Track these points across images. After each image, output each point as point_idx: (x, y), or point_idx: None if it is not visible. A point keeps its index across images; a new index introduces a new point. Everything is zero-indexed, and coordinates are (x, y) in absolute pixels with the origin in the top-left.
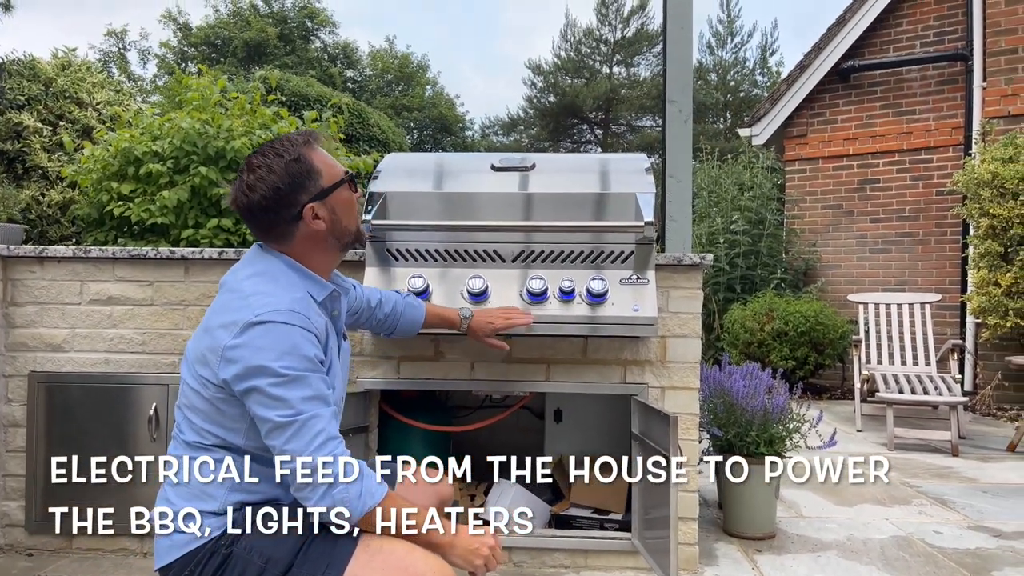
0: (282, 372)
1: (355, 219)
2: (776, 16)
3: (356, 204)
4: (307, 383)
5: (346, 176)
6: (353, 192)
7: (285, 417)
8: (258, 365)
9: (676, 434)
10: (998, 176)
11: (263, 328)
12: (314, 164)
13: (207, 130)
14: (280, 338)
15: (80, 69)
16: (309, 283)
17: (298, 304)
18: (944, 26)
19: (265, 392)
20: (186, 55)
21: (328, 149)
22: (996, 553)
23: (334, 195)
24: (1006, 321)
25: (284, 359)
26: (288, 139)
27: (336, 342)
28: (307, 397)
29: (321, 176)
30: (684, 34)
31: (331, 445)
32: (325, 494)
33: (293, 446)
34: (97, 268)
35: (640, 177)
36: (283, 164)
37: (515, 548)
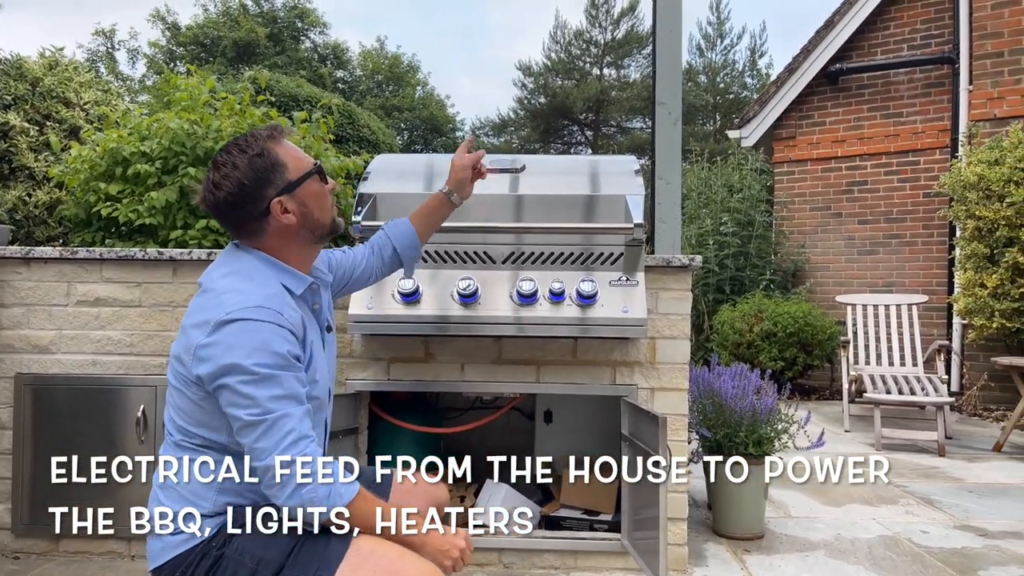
0: (253, 370)
1: (328, 211)
2: (765, 18)
3: (328, 196)
4: (278, 381)
5: (314, 168)
6: (323, 183)
7: (254, 416)
8: (229, 363)
9: (665, 435)
10: (984, 178)
11: (234, 326)
12: (279, 158)
13: (196, 130)
14: (251, 335)
15: (67, 69)
16: (285, 277)
17: (270, 300)
18: (931, 29)
19: (235, 390)
20: (175, 55)
21: (318, 150)
22: (982, 552)
23: (302, 188)
24: (992, 322)
25: (255, 356)
26: (252, 134)
27: (319, 335)
28: (277, 396)
29: (287, 169)
30: (673, 37)
31: (301, 444)
32: (293, 493)
33: (262, 444)
34: (84, 269)
35: (630, 179)
36: (247, 160)
37: (505, 549)
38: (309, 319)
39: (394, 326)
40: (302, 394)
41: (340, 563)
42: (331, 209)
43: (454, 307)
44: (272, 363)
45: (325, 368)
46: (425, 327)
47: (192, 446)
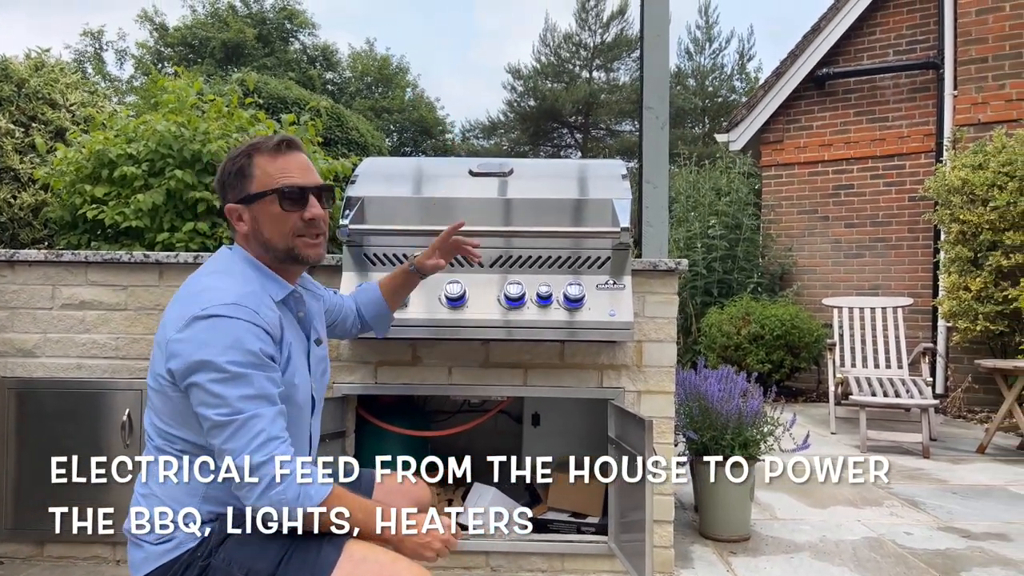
0: (224, 367)
1: (282, 236)
2: (752, 22)
3: (286, 222)
4: (249, 381)
5: (275, 191)
6: (286, 211)
7: (223, 416)
8: (199, 360)
9: (651, 437)
10: (968, 183)
11: (207, 322)
12: (250, 169)
13: (183, 133)
14: (223, 332)
15: (54, 70)
16: (267, 281)
17: (246, 298)
18: (916, 35)
19: (205, 389)
20: (163, 55)
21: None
22: (965, 554)
23: (258, 204)
24: (976, 325)
25: (227, 353)
26: (250, 142)
27: (303, 343)
28: (248, 396)
29: (251, 182)
30: (661, 41)
31: (271, 446)
32: (262, 495)
33: (231, 445)
34: (69, 272)
35: (617, 183)
36: (226, 161)
37: (492, 552)
38: (290, 324)
39: None
40: (274, 395)
41: (332, 571)
42: (288, 237)
43: (441, 310)
44: (244, 361)
45: (307, 376)
46: (412, 330)
47: (173, 451)
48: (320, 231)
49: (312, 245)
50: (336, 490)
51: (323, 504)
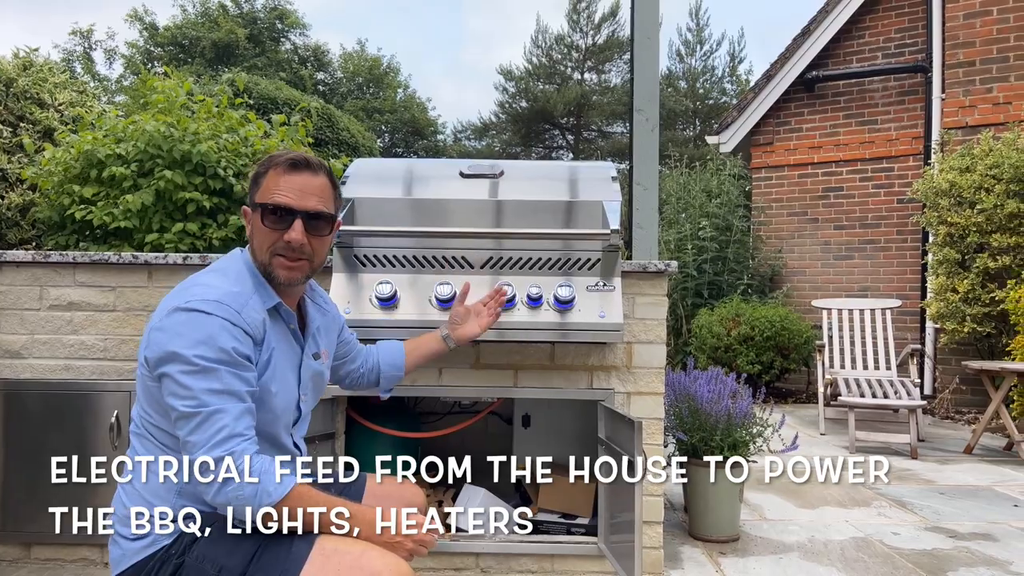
0: (192, 360)
1: (262, 251)
2: (743, 25)
3: (267, 238)
4: (217, 375)
5: (263, 205)
6: (269, 227)
7: (189, 407)
8: (171, 350)
9: (641, 439)
10: (955, 185)
11: (186, 315)
12: (263, 178)
13: (173, 133)
14: (198, 327)
15: (42, 69)
16: (259, 287)
17: (231, 297)
18: (905, 39)
19: (174, 379)
20: (153, 55)
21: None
22: (952, 554)
23: (255, 213)
24: (963, 326)
25: (198, 348)
26: (278, 152)
27: (292, 352)
28: (214, 390)
29: (258, 190)
30: (651, 44)
31: (231, 443)
32: (219, 491)
33: (194, 438)
34: (57, 273)
35: (607, 185)
36: (258, 164)
37: (482, 554)
38: (280, 332)
39: (372, 331)
40: (242, 392)
41: (304, 564)
42: (266, 253)
43: (432, 312)
44: (214, 357)
45: (292, 385)
46: (403, 332)
47: (155, 443)
48: (300, 256)
49: (287, 267)
50: (298, 489)
51: (283, 502)
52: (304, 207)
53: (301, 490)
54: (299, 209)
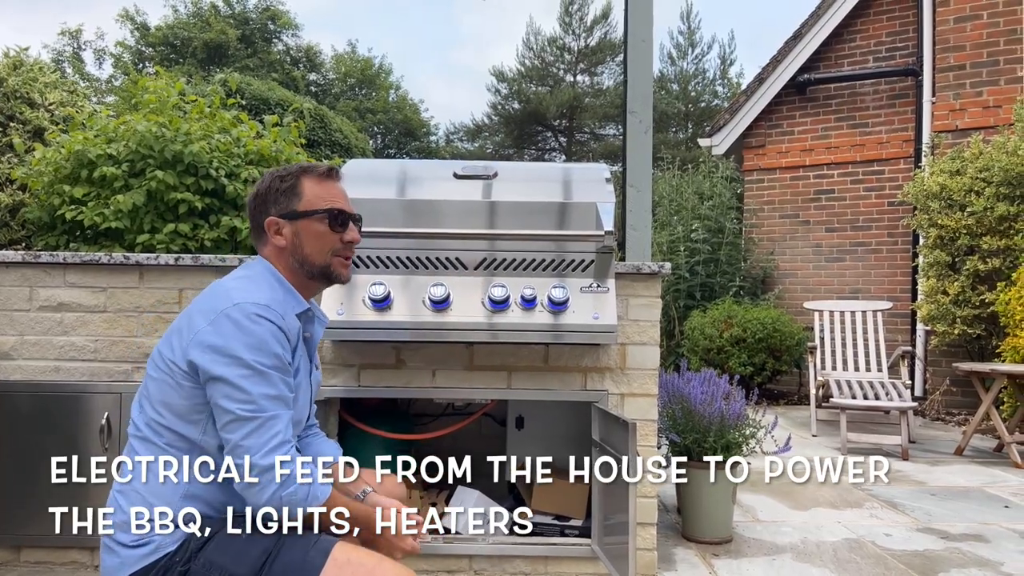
0: (251, 364)
1: (322, 254)
2: (733, 27)
3: (328, 241)
4: (272, 381)
5: (325, 210)
6: (334, 231)
7: (248, 411)
8: (229, 354)
9: (635, 440)
10: (946, 188)
11: (238, 318)
12: (300, 188)
13: (164, 133)
14: (253, 330)
15: (32, 69)
16: (287, 294)
17: (276, 303)
18: (896, 42)
19: (231, 383)
20: (144, 55)
21: (289, 154)
22: (943, 555)
23: (305, 221)
24: (954, 328)
25: (255, 352)
26: (300, 164)
27: (306, 361)
28: (271, 395)
29: (299, 200)
30: (644, 46)
31: (284, 448)
32: (273, 495)
33: (250, 442)
34: (47, 273)
35: (600, 187)
36: (271, 178)
37: (475, 556)
38: (300, 341)
39: (365, 332)
40: (291, 399)
41: (318, 575)
42: (327, 255)
43: (425, 313)
44: (269, 363)
45: (307, 393)
46: (396, 333)
47: (159, 444)
48: (352, 254)
49: (345, 265)
50: (333, 491)
51: (324, 504)
52: (352, 211)
53: (334, 492)
54: (351, 213)
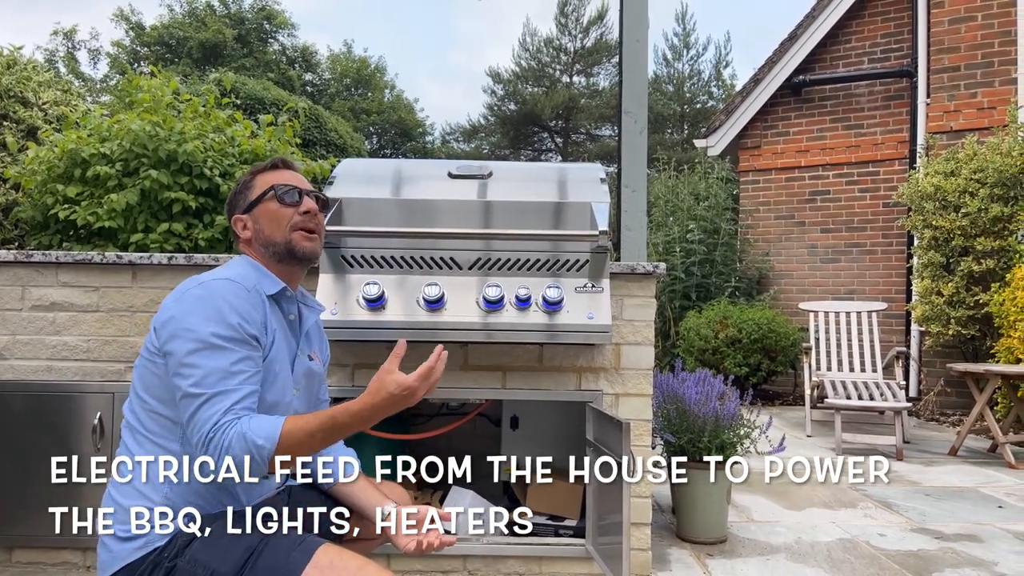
0: (205, 337)
1: (280, 230)
2: (729, 29)
3: (283, 216)
4: (226, 355)
5: (271, 188)
6: (285, 204)
7: (195, 388)
8: (184, 326)
9: (629, 440)
10: (940, 189)
11: (199, 293)
12: (253, 182)
13: (158, 132)
14: (211, 300)
15: (26, 68)
16: (262, 278)
17: (242, 277)
18: (891, 44)
19: (182, 358)
20: (139, 55)
21: (283, 153)
22: (937, 555)
23: (258, 207)
24: (948, 329)
25: (211, 324)
26: (256, 165)
27: (289, 344)
28: (223, 370)
29: (252, 191)
30: (640, 48)
31: (226, 417)
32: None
33: (197, 416)
34: (40, 273)
35: (595, 187)
36: (237, 184)
37: (470, 556)
38: (279, 320)
39: (359, 332)
40: (250, 375)
41: (299, 575)
42: (286, 230)
43: (420, 313)
44: (226, 334)
45: (288, 377)
46: (390, 333)
47: (147, 436)
48: (315, 226)
49: (308, 239)
50: (288, 420)
51: (281, 436)
52: (306, 187)
53: (290, 425)
54: (303, 188)
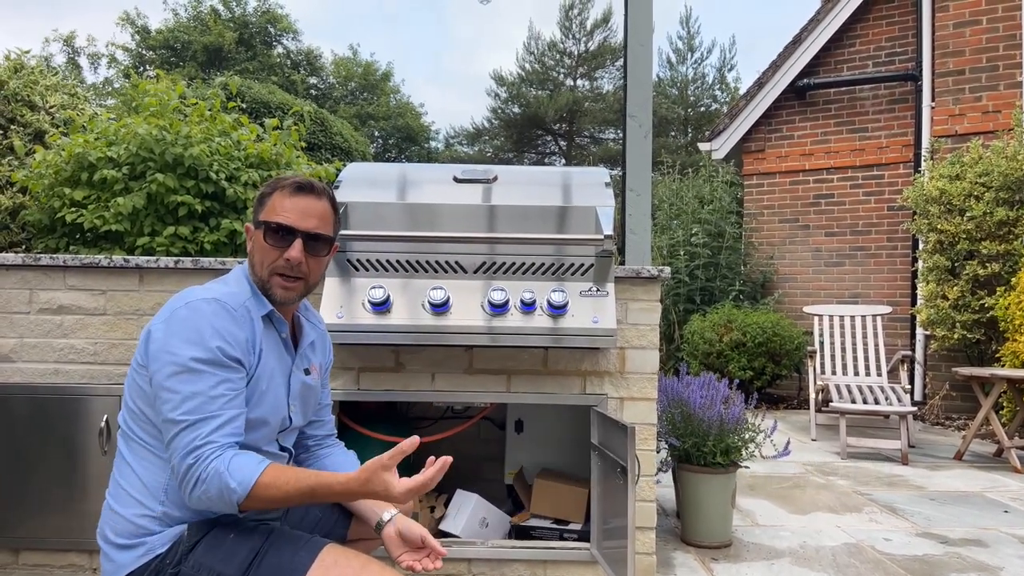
0: (185, 362)
1: (262, 267)
2: (733, 32)
3: (268, 255)
4: (205, 379)
5: (265, 223)
6: (272, 245)
7: (176, 414)
8: (167, 350)
9: (634, 444)
10: (945, 193)
11: (184, 315)
12: (269, 200)
13: (165, 136)
14: (194, 322)
15: (33, 72)
16: (252, 295)
17: (227, 297)
18: (895, 47)
19: (163, 383)
20: (144, 58)
21: (289, 157)
22: (943, 560)
23: (257, 231)
24: (953, 333)
25: (191, 347)
26: (284, 176)
27: (282, 362)
28: (202, 394)
29: (263, 210)
30: (644, 51)
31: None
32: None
33: (175, 444)
34: (47, 276)
35: (600, 191)
36: (263, 187)
37: (474, 559)
38: (271, 340)
39: (364, 335)
40: (230, 398)
41: (304, 575)
42: (266, 270)
43: (425, 316)
44: (206, 357)
45: (281, 394)
46: (395, 336)
47: (142, 443)
48: (298, 275)
49: (284, 287)
50: (266, 476)
51: (254, 492)
52: (304, 228)
53: (271, 471)
54: (299, 229)
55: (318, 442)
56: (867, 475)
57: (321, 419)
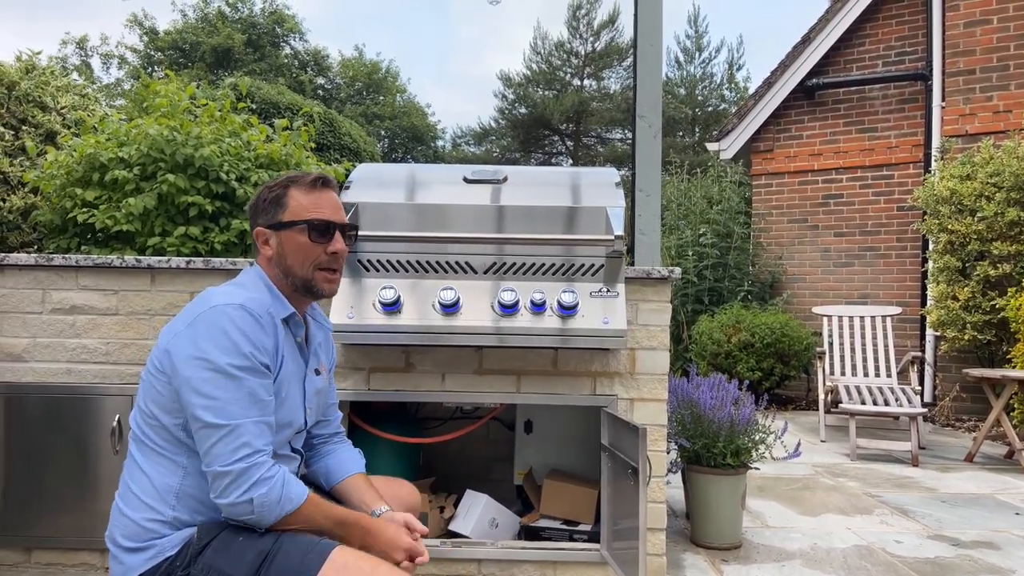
0: (221, 367)
1: (304, 267)
2: (741, 32)
3: (310, 253)
4: (241, 385)
5: (307, 222)
6: (315, 242)
7: (215, 419)
8: (199, 356)
9: (645, 445)
10: (956, 193)
11: (212, 319)
12: (285, 200)
13: (175, 137)
14: (225, 329)
15: (44, 73)
16: (272, 299)
17: (254, 302)
18: (905, 46)
19: (199, 388)
20: (153, 59)
21: (299, 158)
22: (954, 562)
23: (287, 232)
24: (964, 334)
25: (225, 354)
26: (289, 174)
27: (298, 366)
28: (239, 400)
29: (284, 211)
30: (654, 51)
31: (256, 456)
32: (242, 496)
33: (217, 450)
34: (60, 276)
35: (610, 191)
36: (263, 189)
37: (484, 560)
38: (289, 344)
39: (374, 336)
40: (265, 403)
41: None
42: (309, 268)
43: (435, 317)
44: (239, 364)
45: (299, 398)
46: (406, 337)
47: (154, 447)
48: (339, 267)
49: (329, 280)
50: (312, 496)
51: (302, 508)
52: (340, 220)
53: (314, 497)
54: (337, 223)
55: (323, 440)
56: (877, 477)
57: (328, 418)
